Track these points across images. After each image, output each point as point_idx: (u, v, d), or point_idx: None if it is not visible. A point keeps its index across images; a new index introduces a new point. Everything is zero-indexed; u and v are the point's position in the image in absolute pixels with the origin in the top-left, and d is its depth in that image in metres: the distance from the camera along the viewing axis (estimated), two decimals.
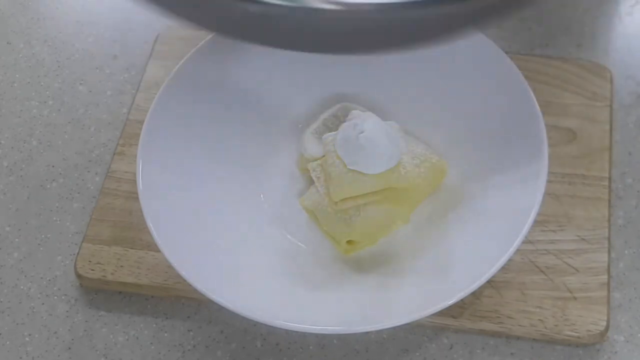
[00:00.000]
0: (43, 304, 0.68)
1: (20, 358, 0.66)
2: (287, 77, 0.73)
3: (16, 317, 0.68)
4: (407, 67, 0.72)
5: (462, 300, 0.60)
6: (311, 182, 0.67)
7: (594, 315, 0.64)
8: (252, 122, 0.72)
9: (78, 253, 0.69)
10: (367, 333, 0.64)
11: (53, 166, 0.75)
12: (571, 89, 0.74)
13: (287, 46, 0.54)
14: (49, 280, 0.69)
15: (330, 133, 0.66)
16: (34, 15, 0.85)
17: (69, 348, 0.66)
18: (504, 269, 0.60)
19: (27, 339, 0.67)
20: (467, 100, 0.70)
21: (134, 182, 0.65)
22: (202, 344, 0.66)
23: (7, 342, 0.67)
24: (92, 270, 0.68)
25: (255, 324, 0.60)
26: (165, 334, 0.67)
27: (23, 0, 0.86)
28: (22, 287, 0.69)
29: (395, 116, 0.69)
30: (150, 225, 0.63)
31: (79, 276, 0.68)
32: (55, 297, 0.69)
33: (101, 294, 0.68)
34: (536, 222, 0.62)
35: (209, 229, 0.66)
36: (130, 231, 0.69)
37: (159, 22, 0.83)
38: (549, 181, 0.66)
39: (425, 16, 0.47)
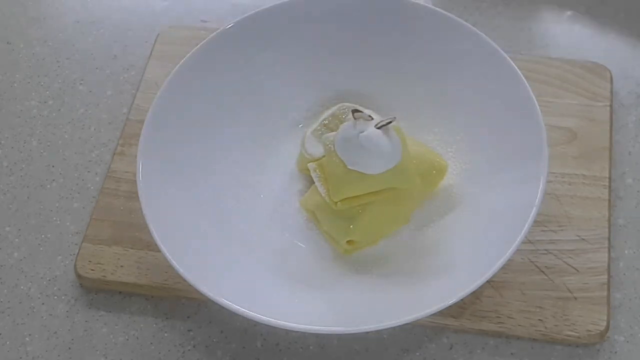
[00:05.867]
0: (43, 304, 0.68)
1: (20, 358, 0.66)
2: (287, 77, 0.73)
3: (16, 317, 0.68)
4: (407, 67, 0.72)
5: (462, 300, 0.60)
6: (311, 182, 0.67)
7: (594, 315, 0.64)
8: (252, 122, 0.72)
9: (78, 253, 0.69)
10: (367, 333, 0.64)
11: (53, 166, 0.75)
12: (571, 89, 0.74)
13: None
14: (49, 280, 0.69)
15: (330, 133, 0.66)
16: (34, 15, 0.85)
17: (69, 348, 0.66)
18: (504, 269, 0.60)
19: (27, 339, 0.67)
20: (467, 100, 0.70)
21: (134, 182, 0.65)
22: (202, 344, 0.66)
23: (7, 342, 0.67)
24: (92, 270, 0.68)
25: (255, 324, 0.60)
26: (165, 334, 0.67)
27: (23, 0, 0.86)
28: (22, 287, 0.69)
29: (396, 116, 0.69)
30: (150, 225, 0.63)
31: (79, 276, 0.68)
32: (55, 297, 0.69)
33: (101, 294, 0.68)
34: (536, 222, 0.62)
35: (209, 229, 0.66)
36: (130, 231, 0.69)
37: (159, 22, 0.83)
38: (549, 181, 0.66)
39: None
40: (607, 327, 0.64)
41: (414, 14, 0.71)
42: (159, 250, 0.62)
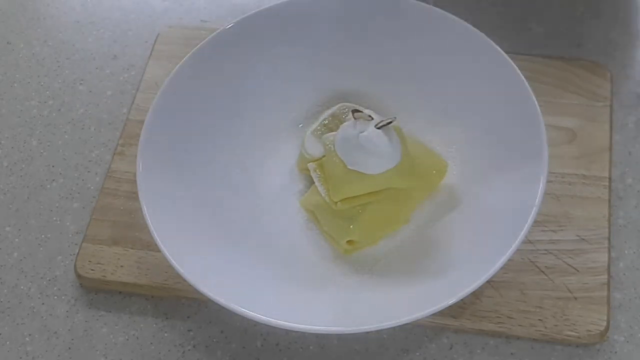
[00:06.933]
0: (43, 304, 0.68)
1: (20, 358, 0.66)
2: (287, 77, 0.73)
3: (16, 317, 0.68)
4: (407, 67, 0.72)
5: (462, 300, 0.60)
6: (311, 182, 0.67)
7: (594, 315, 0.64)
8: (252, 122, 0.72)
9: (78, 253, 0.69)
10: (367, 333, 0.64)
11: (53, 166, 0.75)
12: (571, 89, 0.74)
13: None
14: (49, 280, 0.69)
15: (330, 133, 0.66)
16: (34, 15, 0.85)
17: (69, 348, 0.66)
18: (504, 269, 0.60)
19: (27, 339, 0.67)
20: (467, 100, 0.70)
21: (134, 182, 0.65)
22: (202, 344, 0.66)
23: (7, 342, 0.67)
24: (92, 270, 0.68)
25: (255, 324, 0.60)
26: (165, 334, 0.67)
27: (23, 0, 0.86)
28: (22, 287, 0.69)
29: (396, 116, 0.69)
30: (150, 225, 0.63)
31: (79, 276, 0.68)
32: (55, 297, 0.69)
33: (101, 294, 0.68)
34: (536, 222, 0.62)
35: (209, 229, 0.66)
36: (130, 231, 0.69)
37: (159, 22, 0.83)
38: (549, 181, 0.66)
39: None
40: (607, 327, 0.64)
41: (414, 14, 0.71)
42: (159, 250, 0.62)
